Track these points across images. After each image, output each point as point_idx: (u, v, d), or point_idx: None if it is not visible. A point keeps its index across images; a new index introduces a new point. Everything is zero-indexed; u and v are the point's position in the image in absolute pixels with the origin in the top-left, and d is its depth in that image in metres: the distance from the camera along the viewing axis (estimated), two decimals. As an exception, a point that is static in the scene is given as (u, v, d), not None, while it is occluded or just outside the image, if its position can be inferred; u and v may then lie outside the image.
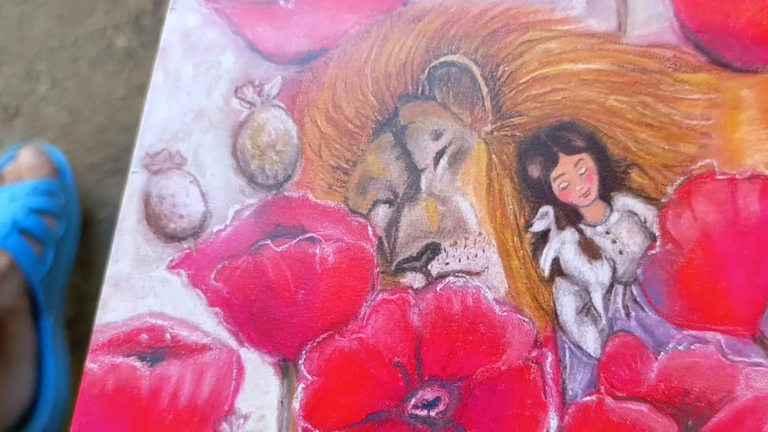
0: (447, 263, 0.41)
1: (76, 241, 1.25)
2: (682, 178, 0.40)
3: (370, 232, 0.42)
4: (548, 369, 0.40)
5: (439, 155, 0.42)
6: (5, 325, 1.08)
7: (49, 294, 1.15)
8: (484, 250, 0.41)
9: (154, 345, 0.42)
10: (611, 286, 0.40)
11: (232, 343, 0.41)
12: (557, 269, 0.41)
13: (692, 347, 0.39)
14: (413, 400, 0.40)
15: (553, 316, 0.40)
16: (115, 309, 0.42)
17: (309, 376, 0.41)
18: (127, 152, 1.30)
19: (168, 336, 0.42)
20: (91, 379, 0.41)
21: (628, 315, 0.40)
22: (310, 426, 0.40)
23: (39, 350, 1.13)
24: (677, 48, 0.41)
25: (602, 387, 0.40)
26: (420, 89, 0.42)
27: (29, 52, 1.38)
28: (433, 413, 0.40)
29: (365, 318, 0.41)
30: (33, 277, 1.10)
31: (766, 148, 0.40)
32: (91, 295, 1.29)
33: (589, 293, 0.40)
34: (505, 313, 0.40)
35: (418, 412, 0.40)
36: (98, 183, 1.32)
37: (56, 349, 1.16)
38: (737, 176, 0.40)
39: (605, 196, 0.41)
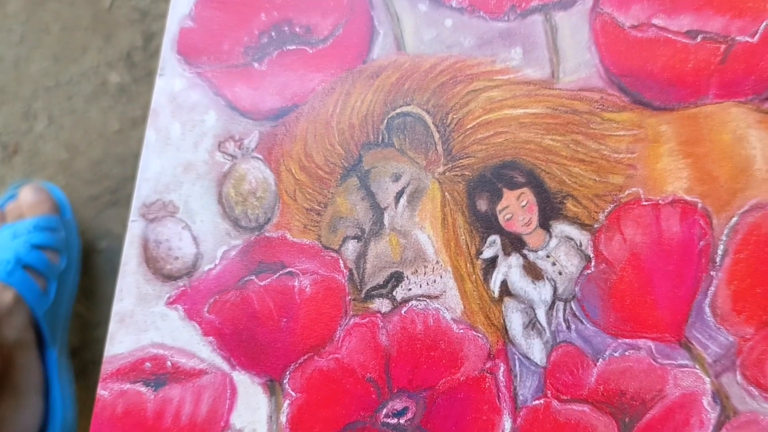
0: (410, 289, 0.46)
1: (77, 273, 1.26)
2: (612, 206, 0.45)
3: (342, 265, 0.46)
4: (501, 378, 0.45)
5: (399, 195, 0.46)
6: (13, 358, 1.09)
7: (53, 326, 1.17)
8: (441, 276, 0.46)
9: (156, 372, 0.47)
10: (553, 303, 0.45)
11: (225, 367, 0.46)
12: (505, 290, 0.45)
13: (626, 353, 0.44)
14: (385, 410, 0.45)
15: (503, 332, 0.45)
16: (121, 342, 0.47)
17: (293, 393, 0.46)
18: (124, 183, 1.31)
19: (169, 363, 0.47)
20: (102, 404, 0.46)
21: (569, 328, 0.45)
22: (295, 437, 0.46)
23: (46, 381, 1.15)
24: (604, 91, 0.46)
25: (549, 392, 0.44)
26: (380, 137, 0.47)
27: (26, 92, 1.38)
28: (402, 421, 0.45)
29: (340, 340, 0.46)
30: (37, 311, 1.12)
31: (684, 176, 0.45)
32: (95, 323, 1.30)
33: (534, 310, 0.45)
34: (461, 331, 0.45)
35: (389, 420, 0.45)
36: (98, 215, 1.32)
37: (62, 379, 1.17)
38: (660, 202, 0.44)
39: (545, 225, 0.45)
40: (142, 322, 0.47)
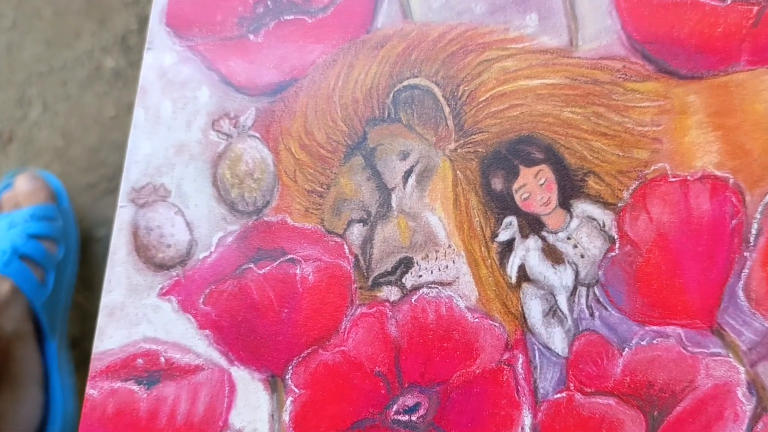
0: (420, 276, 0.43)
1: (75, 263, 1.26)
2: (636, 183, 0.42)
3: (347, 251, 0.44)
4: (520, 370, 0.43)
5: (408, 174, 0.44)
6: (11, 350, 1.09)
7: (52, 317, 1.17)
8: (454, 262, 0.43)
9: (149, 369, 0.44)
10: (575, 288, 0.43)
11: (223, 362, 0.44)
12: (523, 275, 0.43)
13: (654, 342, 0.42)
14: (395, 407, 0.43)
15: (521, 320, 0.43)
16: (111, 337, 0.44)
17: (296, 390, 0.43)
18: (121, 170, 1.32)
19: (162, 359, 0.44)
20: (92, 404, 0.44)
21: (592, 315, 0.42)
22: (299, 437, 0.43)
23: (45, 373, 1.15)
24: (626, 59, 0.43)
25: (571, 384, 0.42)
26: (386, 112, 0.44)
27: (19, 78, 1.39)
28: (414, 418, 0.42)
29: (346, 332, 0.43)
30: (35, 302, 1.12)
31: (714, 150, 0.42)
32: (95, 313, 1.30)
33: (554, 296, 0.43)
34: (476, 320, 0.43)
35: (400, 417, 0.42)
36: (95, 202, 1.33)
37: (62, 371, 1.17)
38: (689, 178, 0.42)
39: (565, 204, 0.43)
40: (133, 315, 0.45)
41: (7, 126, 1.38)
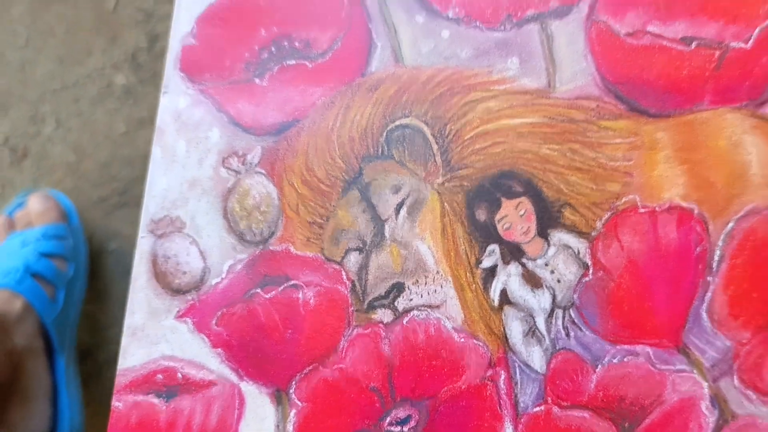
0: (411, 299, 0.47)
1: (84, 280, 1.27)
2: (609, 213, 0.46)
3: (344, 277, 0.48)
4: (502, 385, 0.46)
5: (399, 206, 0.47)
6: (22, 365, 1.11)
7: (61, 333, 1.18)
8: (442, 286, 0.47)
9: (168, 383, 0.48)
10: (552, 310, 0.46)
11: (234, 378, 0.48)
12: (505, 299, 0.46)
13: (625, 359, 0.45)
14: (388, 419, 0.46)
15: (503, 340, 0.46)
16: (133, 355, 0.49)
17: (299, 403, 0.47)
18: (132, 185, 1.33)
19: (179, 375, 0.48)
20: (117, 415, 0.48)
21: (568, 335, 0.46)
22: (302, 446, 0.47)
23: (54, 386, 1.16)
24: (600, 99, 0.46)
25: (549, 398, 0.45)
26: (380, 150, 0.48)
27: (33, 95, 1.39)
28: (405, 429, 0.46)
29: (344, 350, 0.47)
30: (46, 318, 1.13)
31: (681, 183, 0.45)
32: (107, 324, 1.32)
33: (533, 318, 0.46)
34: (462, 340, 0.46)
35: (393, 428, 0.46)
36: (106, 216, 1.33)
37: (69, 385, 1.19)
38: (657, 209, 0.45)
39: (543, 233, 0.46)
40: (153, 335, 0.49)
41: (21, 142, 1.38)
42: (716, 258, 0.45)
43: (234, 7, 0.50)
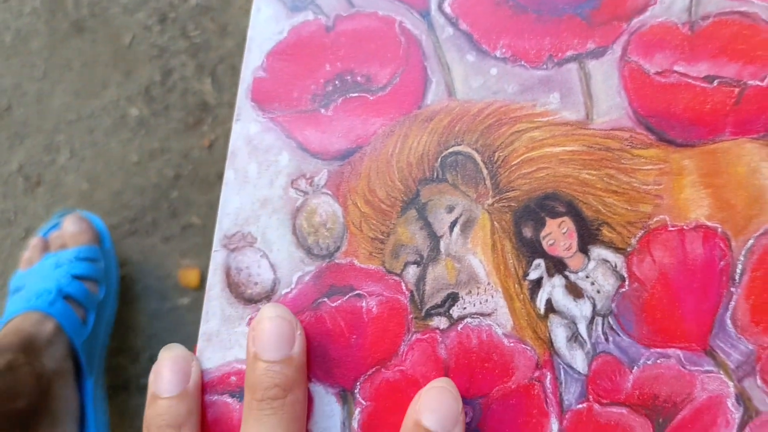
0: (464, 308, 0.51)
1: (115, 303, 1.28)
2: (642, 232, 0.50)
3: (404, 287, 0.51)
4: (548, 385, 0.50)
5: (453, 224, 0.51)
6: (52, 388, 1.12)
7: (90, 356, 1.20)
8: (492, 296, 0.51)
9: (241, 385, 0.51)
10: (593, 318, 0.50)
11: (302, 379, 0.51)
12: (550, 308, 0.50)
13: (658, 361, 0.49)
14: (445, 416, 0.50)
15: (549, 344, 0.50)
16: (209, 359, 0.52)
17: (363, 402, 0.51)
18: (142, 213, 1.36)
19: None
20: (193, 414, 0.52)
21: (607, 340, 0.50)
22: (367, 441, 0.51)
23: (81, 409, 1.18)
24: (632, 130, 0.50)
25: (591, 396, 0.49)
26: (435, 174, 0.52)
27: (48, 125, 1.42)
28: (461, 425, 0.50)
29: (404, 354, 0.51)
30: (76, 341, 1.15)
31: (705, 204, 0.50)
32: (115, 349, 1.34)
33: (576, 325, 0.50)
34: (512, 344, 0.50)
35: (449, 424, 0.50)
36: (117, 243, 1.35)
37: (97, 408, 1.20)
38: (685, 227, 0.49)
39: (583, 249, 0.50)
40: (226, 340, 0.52)
41: (36, 170, 1.41)
42: (738, 271, 0.49)
43: (301, 44, 0.55)
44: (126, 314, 1.34)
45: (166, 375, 0.49)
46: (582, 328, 0.50)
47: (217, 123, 1.36)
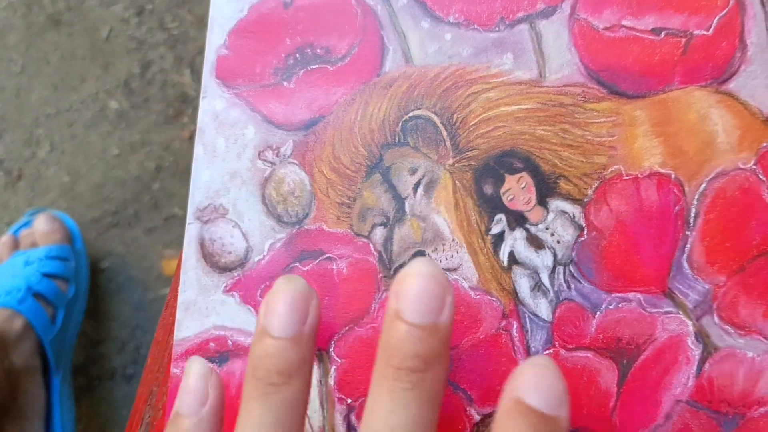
0: None
1: (84, 302, 1.29)
2: (598, 182, 0.51)
3: (372, 249, 0.52)
4: (515, 334, 0.51)
5: (417, 185, 0.52)
6: (20, 384, 1.13)
7: (58, 353, 1.21)
8: (457, 252, 0.52)
9: (220, 350, 0.53)
10: (554, 267, 0.51)
11: (278, 342, 0.53)
12: (513, 260, 0.51)
13: (619, 306, 0.50)
14: (417, 369, 0.52)
15: (514, 295, 0.51)
16: (187, 327, 0.54)
17: (338, 359, 0.52)
18: (124, 205, 1.37)
19: (230, 342, 0.53)
20: (175, 381, 0.53)
21: (569, 287, 0.51)
22: (343, 396, 0.52)
23: (48, 406, 1.19)
24: (584, 85, 0.51)
25: (556, 342, 0.50)
26: (397, 138, 0.52)
27: (28, 120, 1.42)
28: (433, 377, 0.52)
29: (376, 312, 0.52)
30: (45, 338, 1.17)
31: (658, 153, 0.50)
32: (99, 340, 1.35)
33: (538, 274, 0.51)
34: (478, 296, 0.52)
35: (422, 377, 0.52)
36: (99, 236, 1.36)
37: (63, 405, 1.22)
38: (639, 176, 0.50)
39: (542, 202, 0.51)
40: (204, 309, 0.54)
41: (17, 165, 1.41)
42: (692, 215, 0.50)
43: (261, 20, 0.56)
44: (110, 305, 1.35)
45: (281, 310, 0.43)
46: (545, 278, 0.51)
47: (198, 114, 1.33)
